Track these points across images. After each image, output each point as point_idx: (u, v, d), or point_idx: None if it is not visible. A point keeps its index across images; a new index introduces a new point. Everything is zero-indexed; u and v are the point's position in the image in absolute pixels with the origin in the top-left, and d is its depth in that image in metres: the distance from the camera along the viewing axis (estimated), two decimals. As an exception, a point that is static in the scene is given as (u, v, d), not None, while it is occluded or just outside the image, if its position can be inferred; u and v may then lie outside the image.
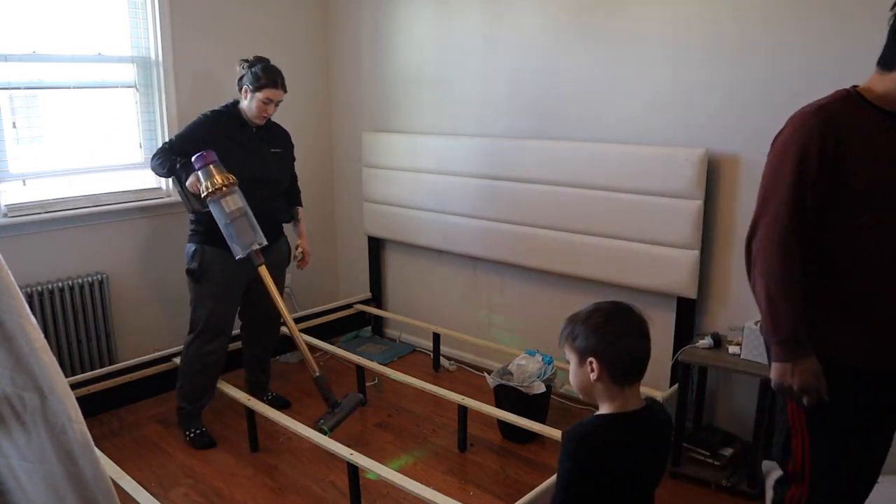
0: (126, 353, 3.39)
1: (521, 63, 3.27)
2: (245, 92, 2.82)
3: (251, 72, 2.80)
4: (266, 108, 2.81)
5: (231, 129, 2.84)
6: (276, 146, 2.97)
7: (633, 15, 2.87)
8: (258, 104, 2.79)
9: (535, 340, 3.40)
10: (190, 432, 2.92)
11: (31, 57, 3.03)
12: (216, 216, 2.67)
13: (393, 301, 4.16)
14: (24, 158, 3.08)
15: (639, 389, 1.42)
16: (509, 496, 2.52)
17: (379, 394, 3.44)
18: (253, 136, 2.89)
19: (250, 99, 2.80)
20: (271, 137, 2.96)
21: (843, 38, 2.38)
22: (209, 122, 2.83)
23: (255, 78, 2.78)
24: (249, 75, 2.80)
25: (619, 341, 1.36)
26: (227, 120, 2.85)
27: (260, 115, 2.82)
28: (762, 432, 2.51)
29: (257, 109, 2.80)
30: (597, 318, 1.38)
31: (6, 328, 1.09)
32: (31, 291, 3.05)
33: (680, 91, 2.79)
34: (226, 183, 2.62)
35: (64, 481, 1.16)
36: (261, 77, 2.77)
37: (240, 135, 2.85)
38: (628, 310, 1.40)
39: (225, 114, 2.86)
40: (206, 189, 2.61)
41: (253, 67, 2.81)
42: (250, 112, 2.83)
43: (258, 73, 2.78)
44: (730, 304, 2.83)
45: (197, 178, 2.65)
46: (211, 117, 2.85)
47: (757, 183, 1.73)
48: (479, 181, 3.42)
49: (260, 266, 2.74)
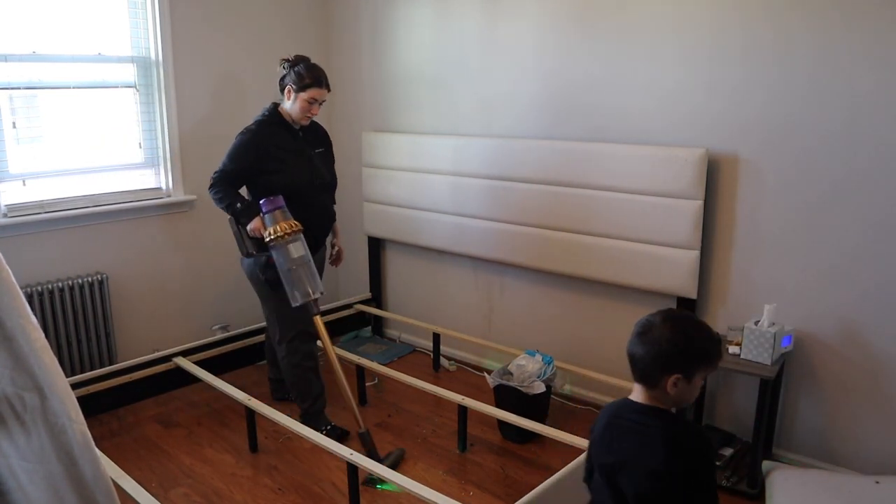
0: (126, 353, 3.39)
1: (521, 63, 3.27)
2: (288, 92, 2.74)
3: (294, 71, 2.72)
4: (311, 108, 2.75)
5: (279, 139, 2.76)
6: (318, 146, 2.92)
7: (633, 15, 2.87)
8: (303, 104, 2.72)
9: (535, 340, 3.40)
10: (323, 429, 2.89)
11: (31, 57, 3.03)
12: (278, 262, 2.64)
13: (393, 301, 4.16)
14: (23, 158, 3.08)
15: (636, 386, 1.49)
16: (509, 496, 2.52)
17: (379, 394, 3.44)
18: (300, 139, 2.83)
19: (294, 99, 2.73)
20: (313, 138, 2.91)
21: (843, 39, 2.38)
22: (256, 138, 2.73)
23: (298, 77, 2.71)
24: (293, 75, 2.72)
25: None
26: (272, 129, 2.77)
27: (304, 115, 2.76)
28: (762, 432, 2.51)
29: (301, 110, 2.74)
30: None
31: (6, 328, 1.09)
32: (31, 291, 3.05)
33: (680, 91, 2.79)
34: (292, 230, 2.60)
35: (64, 481, 1.16)
36: (305, 76, 2.70)
37: (289, 143, 2.79)
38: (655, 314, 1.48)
39: (269, 123, 2.78)
40: (270, 234, 2.59)
41: (295, 67, 2.73)
42: (294, 113, 2.76)
43: (302, 72, 2.71)
44: (730, 304, 2.83)
45: (262, 223, 2.64)
46: (257, 131, 2.75)
47: (757, 183, 1.73)
48: (479, 181, 3.42)
49: (316, 315, 2.73)
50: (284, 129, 2.80)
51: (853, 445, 2.60)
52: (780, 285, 2.67)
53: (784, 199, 2.60)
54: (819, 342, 2.62)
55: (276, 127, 2.78)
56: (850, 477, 2.44)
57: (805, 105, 2.50)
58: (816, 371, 2.65)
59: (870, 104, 2.36)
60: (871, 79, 2.34)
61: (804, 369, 2.67)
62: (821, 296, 2.58)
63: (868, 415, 2.55)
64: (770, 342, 2.46)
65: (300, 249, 2.64)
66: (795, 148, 2.54)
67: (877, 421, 2.53)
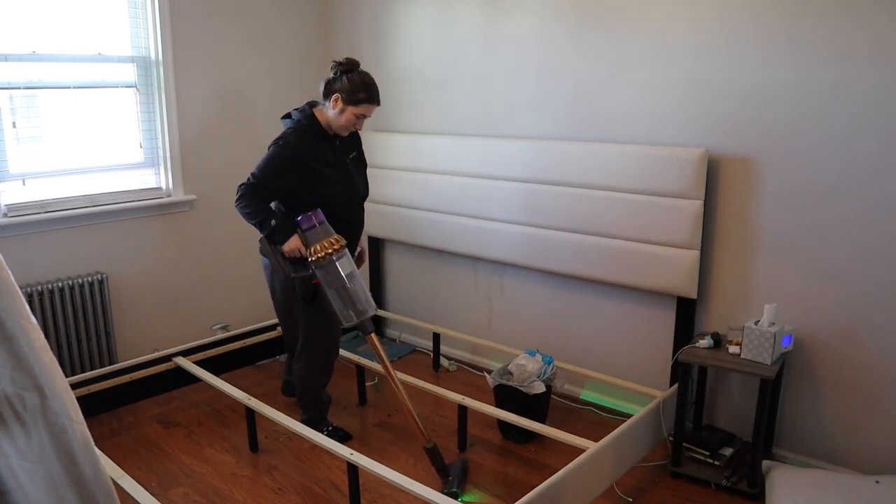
0: (126, 353, 3.39)
1: (521, 63, 3.27)
2: (336, 101, 2.54)
3: (347, 79, 2.53)
4: (357, 122, 2.60)
5: (316, 151, 2.58)
6: (352, 150, 2.77)
7: (633, 15, 2.87)
8: (349, 118, 2.55)
9: (535, 340, 3.40)
10: (325, 430, 2.88)
11: (31, 57, 3.03)
12: (325, 281, 2.47)
13: (393, 301, 4.16)
14: (23, 158, 3.08)
15: None
16: (509, 496, 2.52)
17: (379, 394, 3.44)
18: (337, 148, 2.66)
19: (341, 110, 2.54)
20: (348, 142, 2.74)
21: (844, 40, 2.38)
22: (292, 151, 2.54)
23: (353, 89, 2.51)
24: (345, 82, 2.52)
25: None
26: (309, 140, 2.57)
27: (348, 128, 2.60)
28: (762, 432, 2.52)
29: (347, 123, 2.57)
30: None
31: (6, 328, 1.09)
32: (31, 291, 3.05)
33: (681, 91, 2.79)
34: (337, 246, 2.45)
35: (64, 481, 1.16)
36: (360, 90, 2.52)
37: (326, 155, 2.61)
38: None
39: (306, 132, 2.58)
40: (314, 253, 2.43)
41: (349, 74, 2.54)
42: (337, 123, 2.58)
43: (357, 83, 2.52)
44: (730, 304, 2.83)
45: (302, 242, 2.49)
46: (293, 144, 2.54)
47: (757, 183, 1.73)
48: (479, 181, 3.42)
49: (370, 334, 2.57)
50: (322, 140, 2.62)
51: (853, 445, 2.60)
52: (779, 285, 2.67)
53: (784, 199, 2.60)
54: (819, 342, 2.62)
55: (313, 137, 2.59)
56: (850, 477, 2.44)
57: (805, 105, 2.50)
58: (816, 371, 2.65)
59: (870, 104, 2.36)
60: (872, 79, 2.34)
61: (804, 369, 2.67)
62: (821, 295, 2.58)
63: (868, 415, 2.55)
64: (770, 342, 2.46)
65: (347, 266, 2.48)
66: (796, 148, 2.54)
67: (877, 421, 2.53)
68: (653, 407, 2.69)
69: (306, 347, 2.86)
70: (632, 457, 2.60)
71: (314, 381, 2.91)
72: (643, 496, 2.57)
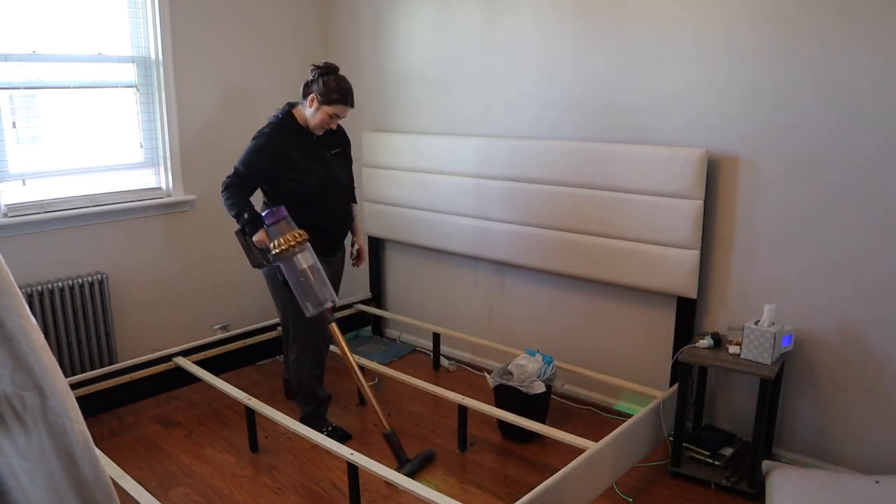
0: (126, 353, 3.39)
1: (521, 63, 3.27)
2: (312, 100, 2.70)
3: (323, 81, 2.67)
4: (331, 122, 2.74)
5: (294, 142, 2.74)
6: (334, 146, 2.89)
7: (633, 16, 2.87)
8: (323, 117, 2.70)
9: (535, 340, 3.40)
10: (325, 430, 2.90)
11: (31, 57, 3.03)
12: (287, 274, 2.62)
13: (393, 301, 4.16)
14: (23, 158, 3.08)
15: None
16: (509, 496, 2.52)
17: (379, 394, 3.44)
18: (315, 142, 2.80)
19: (316, 109, 2.70)
20: (330, 138, 2.87)
21: (844, 41, 2.38)
22: (272, 142, 2.70)
23: (326, 90, 2.66)
24: (321, 85, 2.67)
25: None
26: (287, 133, 2.73)
27: (322, 127, 2.74)
28: (762, 432, 2.51)
29: (321, 122, 2.72)
30: None
31: (6, 328, 1.09)
32: (31, 291, 3.05)
33: (681, 92, 2.79)
34: (297, 241, 2.56)
35: (64, 481, 1.16)
36: (333, 91, 2.66)
37: (305, 146, 2.76)
38: None
39: (284, 126, 2.74)
40: (276, 246, 2.56)
41: (325, 76, 2.68)
42: (313, 121, 2.73)
43: (331, 85, 2.67)
44: (730, 304, 2.83)
45: (266, 235, 2.61)
46: (271, 135, 2.71)
47: (757, 183, 1.73)
48: (479, 181, 3.42)
49: (331, 323, 2.71)
50: (299, 133, 2.76)
51: (853, 445, 2.60)
52: (779, 285, 2.67)
53: (784, 199, 2.60)
54: (819, 342, 2.62)
55: (290, 131, 2.74)
56: (850, 477, 2.44)
57: (805, 105, 2.50)
58: (816, 371, 2.65)
59: (869, 104, 2.36)
60: (871, 80, 2.34)
61: (804, 369, 2.67)
62: (821, 295, 2.58)
63: (868, 414, 2.55)
64: (770, 342, 2.46)
65: (308, 259, 2.60)
66: (795, 148, 2.54)
67: (876, 420, 2.53)
68: (653, 407, 2.69)
69: (295, 338, 2.92)
70: (632, 457, 2.60)
71: (306, 373, 2.94)
72: (643, 496, 2.57)
